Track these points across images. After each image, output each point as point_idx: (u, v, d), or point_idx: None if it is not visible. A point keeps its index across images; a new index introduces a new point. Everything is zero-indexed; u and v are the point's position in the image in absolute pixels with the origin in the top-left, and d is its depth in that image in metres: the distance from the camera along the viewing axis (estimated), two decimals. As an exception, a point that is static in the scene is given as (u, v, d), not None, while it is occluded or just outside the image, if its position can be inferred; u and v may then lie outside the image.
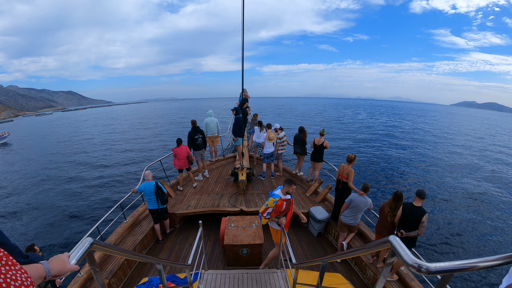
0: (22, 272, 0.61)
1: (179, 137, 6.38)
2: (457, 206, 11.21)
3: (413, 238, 3.56)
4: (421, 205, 3.55)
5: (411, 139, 28.43)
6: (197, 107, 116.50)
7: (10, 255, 0.61)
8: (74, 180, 15.05)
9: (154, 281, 3.25)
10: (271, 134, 7.06)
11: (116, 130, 40.87)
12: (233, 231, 4.32)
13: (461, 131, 42.36)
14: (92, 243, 1.10)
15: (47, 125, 58.91)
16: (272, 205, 3.46)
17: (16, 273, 0.58)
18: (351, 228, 4.54)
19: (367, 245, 1.51)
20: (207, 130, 7.70)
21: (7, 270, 0.56)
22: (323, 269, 2.27)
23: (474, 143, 28.08)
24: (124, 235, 4.88)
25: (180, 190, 6.63)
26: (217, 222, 5.20)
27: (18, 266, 0.61)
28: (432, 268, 0.89)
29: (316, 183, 6.48)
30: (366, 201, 4.30)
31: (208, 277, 3.79)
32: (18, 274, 0.59)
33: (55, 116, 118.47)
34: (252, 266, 4.25)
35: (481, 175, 16.04)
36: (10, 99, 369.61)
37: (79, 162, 19.45)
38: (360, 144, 24.62)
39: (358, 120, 49.58)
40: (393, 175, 15.20)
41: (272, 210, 3.49)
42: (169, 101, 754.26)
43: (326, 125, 38.60)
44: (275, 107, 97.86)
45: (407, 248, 1.08)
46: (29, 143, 31.70)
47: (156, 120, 55.15)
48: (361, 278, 4.28)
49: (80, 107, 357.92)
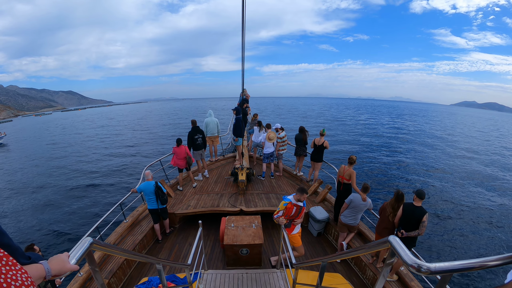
0: (22, 272, 0.61)
1: (179, 137, 6.39)
2: (457, 206, 11.21)
3: (413, 238, 3.57)
4: (421, 205, 3.56)
5: (414, 141, 28.31)
6: (197, 107, 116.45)
7: (10, 256, 0.61)
8: (73, 180, 15.04)
9: (154, 281, 3.25)
10: (271, 134, 7.06)
11: (116, 130, 40.86)
12: (233, 231, 4.32)
13: (466, 132, 41.38)
14: (92, 243, 1.10)
15: (45, 125, 58.82)
16: (282, 208, 3.62)
17: (17, 273, 0.58)
18: (351, 228, 4.55)
19: (366, 245, 1.51)
20: (207, 130, 7.70)
21: (8, 270, 0.57)
22: (322, 269, 2.27)
23: (480, 146, 27.63)
24: (124, 235, 4.88)
25: (180, 190, 6.63)
26: (217, 222, 5.20)
27: (19, 266, 0.61)
28: (431, 268, 0.89)
29: (316, 183, 6.48)
30: (366, 201, 4.31)
31: (207, 277, 3.79)
32: (18, 274, 0.59)
33: (55, 116, 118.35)
34: (252, 266, 4.25)
35: (482, 176, 16.05)
36: (10, 99, 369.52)
37: (79, 162, 19.44)
38: (362, 144, 24.61)
39: (360, 121, 49.46)
40: (395, 176, 15.20)
41: (282, 213, 3.63)
42: (169, 101, 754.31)
43: (327, 126, 38.60)
44: (276, 107, 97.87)
45: (406, 248, 1.08)
46: (26, 143, 31.64)
47: (156, 121, 55.16)
48: (360, 278, 4.29)
49: (79, 107, 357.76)
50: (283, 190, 6.65)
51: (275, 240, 5.29)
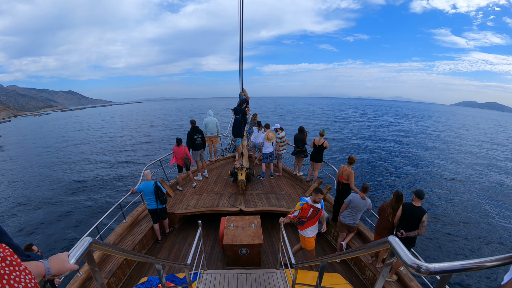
0: (26, 273, 0.60)
1: (179, 138, 6.40)
2: (457, 206, 11.22)
3: (413, 238, 3.57)
4: (421, 205, 3.56)
5: (415, 142, 28.21)
6: (197, 107, 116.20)
7: (15, 254, 0.61)
8: (72, 179, 15.03)
9: (153, 280, 3.25)
10: (270, 134, 7.05)
11: (115, 129, 40.83)
12: (233, 231, 4.32)
13: (473, 134, 39.61)
14: (91, 243, 1.10)
15: (44, 126, 58.46)
16: (298, 208, 3.61)
17: (20, 274, 0.58)
18: (351, 229, 4.54)
19: (366, 245, 1.51)
20: (207, 130, 7.70)
21: (11, 271, 0.56)
22: (322, 269, 2.27)
23: (490, 151, 25.86)
24: (123, 234, 4.88)
25: (180, 190, 6.63)
26: (217, 222, 5.20)
27: (23, 267, 0.60)
28: (431, 269, 0.89)
29: (316, 184, 6.48)
30: (365, 201, 4.31)
31: (207, 277, 3.79)
32: (22, 276, 0.58)
33: (54, 116, 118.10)
34: (251, 266, 4.25)
35: (484, 177, 16.04)
36: (10, 99, 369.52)
37: (78, 162, 19.42)
38: (363, 144, 24.59)
39: (361, 121, 49.19)
40: (394, 176, 15.20)
41: (298, 213, 3.61)
42: (169, 101, 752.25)
43: (327, 126, 38.56)
44: (276, 107, 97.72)
45: (406, 249, 1.08)
46: (24, 144, 31.50)
47: (155, 121, 55.07)
48: (360, 278, 4.29)
49: (79, 107, 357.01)
50: (283, 190, 6.66)
51: (274, 240, 5.30)
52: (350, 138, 28.18)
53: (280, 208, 5.62)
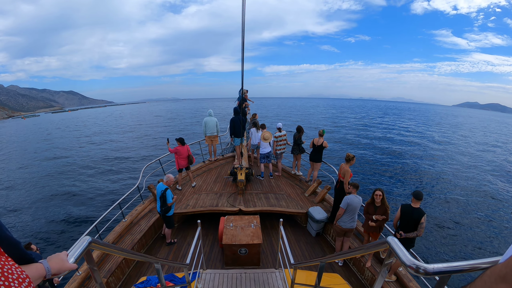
0: (19, 282, 0.56)
1: (181, 137, 6.41)
2: (457, 207, 11.22)
3: (412, 239, 3.57)
4: (419, 206, 3.56)
5: (415, 142, 28.21)
6: (197, 107, 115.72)
7: (5, 254, 0.59)
8: (72, 179, 15.02)
9: (152, 280, 3.25)
10: (266, 133, 7.03)
11: (114, 129, 40.77)
12: (232, 231, 4.32)
13: (482, 137, 37.70)
14: (91, 242, 1.10)
15: (29, 128, 54.10)
16: None
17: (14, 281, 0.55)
18: (350, 231, 4.50)
19: (365, 245, 1.51)
20: (206, 129, 7.69)
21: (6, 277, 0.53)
22: (321, 269, 2.26)
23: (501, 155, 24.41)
24: (123, 234, 4.88)
25: (179, 190, 6.63)
26: (216, 222, 5.19)
27: (16, 275, 0.57)
28: (430, 269, 0.88)
29: (315, 183, 6.48)
30: (359, 200, 4.28)
31: (206, 276, 3.79)
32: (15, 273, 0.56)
33: (42, 118, 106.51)
34: (251, 266, 4.25)
35: (485, 177, 16.03)
36: (10, 99, 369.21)
37: (77, 162, 19.40)
38: (364, 144, 24.59)
39: (363, 122, 48.81)
40: (395, 176, 15.19)
41: None
42: (170, 101, 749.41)
43: (328, 126, 38.54)
44: (277, 107, 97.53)
45: (405, 249, 1.08)
46: (22, 144, 31.33)
47: (155, 121, 54.89)
48: (359, 278, 4.29)
49: (78, 108, 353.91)
50: (282, 190, 6.66)
51: (273, 240, 5.29)
52: (350, 138, 28.19)
53: (279, 208, 5.62)
